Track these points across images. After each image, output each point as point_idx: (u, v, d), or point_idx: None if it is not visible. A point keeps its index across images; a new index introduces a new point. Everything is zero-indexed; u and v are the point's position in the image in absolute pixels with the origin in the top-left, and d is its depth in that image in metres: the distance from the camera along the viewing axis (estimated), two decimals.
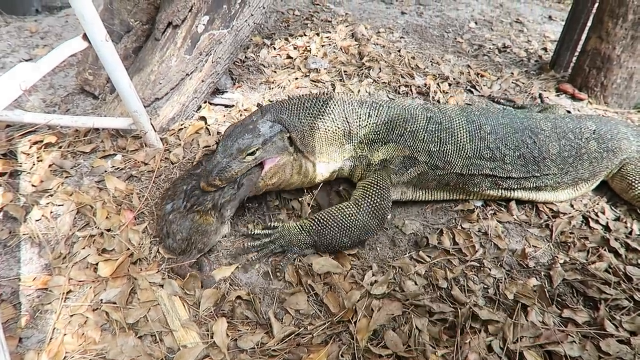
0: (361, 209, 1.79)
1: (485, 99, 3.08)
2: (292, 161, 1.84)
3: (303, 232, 1.77)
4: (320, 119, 1.86)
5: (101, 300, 1.57)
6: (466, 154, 1.94)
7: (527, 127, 2.03)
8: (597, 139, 2.13)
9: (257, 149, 1.73)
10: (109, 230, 1.79)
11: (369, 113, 1.93)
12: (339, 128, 1.89)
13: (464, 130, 1.95)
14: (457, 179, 1.99)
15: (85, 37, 1.74)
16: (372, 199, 1.81)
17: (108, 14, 2.37)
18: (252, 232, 1.82)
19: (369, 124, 1.92)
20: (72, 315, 1.52)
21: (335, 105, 1.90)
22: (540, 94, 3.22)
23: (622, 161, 2.20)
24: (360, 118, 1.92)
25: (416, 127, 1.93)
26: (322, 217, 1.78)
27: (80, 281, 1.62)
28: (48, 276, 1.63)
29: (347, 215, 1.77)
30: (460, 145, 1.94)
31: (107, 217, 1.84)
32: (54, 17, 3.86)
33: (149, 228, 1.84)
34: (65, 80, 2.76)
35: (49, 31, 3.49)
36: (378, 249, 1.90)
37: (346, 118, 1.90)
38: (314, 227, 1.76)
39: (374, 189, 1.83)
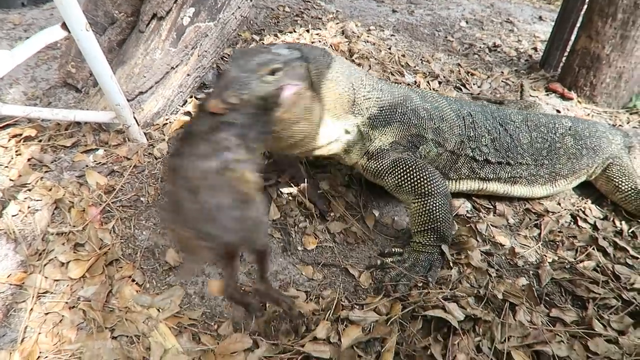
0: (429, 194, 1.71)
1: (467, 97, 3.06)
2: (309, 97, 1.55)
3: (424, 243, 1.74)
4: (334, 70, 1.65)
5: (78, 297, 1.51)
6: (455, 131, 1.93)
7: (496, 117, 2.04)
8: (573, 135, 2.13)
9: (279, 68, 1.44)
10: (84, 228, 1.73)
11: (373, 85, 1.80)
12: (346, 91, 1.70)
13: (449, 110, 1.95)
14: (447, 160, 1.95)
15: (64, 25, 1.68)
16: (423, 178, 1.71)
17: (92, 5, 2.31)
18: (383, 263, 1.75)
19: (373, 97, 1.78)
20: (47, 314, 1.47)
21: (343, 64, 1.73)
22: (521, 85, 3.20)
23: (605, 161, 2.20)
24: (365, 88, 1.77)
25: (415, 105, 1.87)
26: (426, 223, 1.72)
27: (55, 280, 1.56)
28: (23, 273, 1.58)
29: (430, 207, 1.71)
30: (450, 123, 1.92)
31: (82, 214, 1.78)
32: (38, 10, 3.77)
33: (117, 226, 1.77)
34: (48, 73, 2.69)
35: (33, 24, 3.41)
36: (367, 245, 1.87)
37: (352, 83, 1.72)
38: (428, 235, 1.73)
39: (414, 171, 1.73)
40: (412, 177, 1.72)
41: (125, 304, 1.50)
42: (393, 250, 1.80)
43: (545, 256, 1.90)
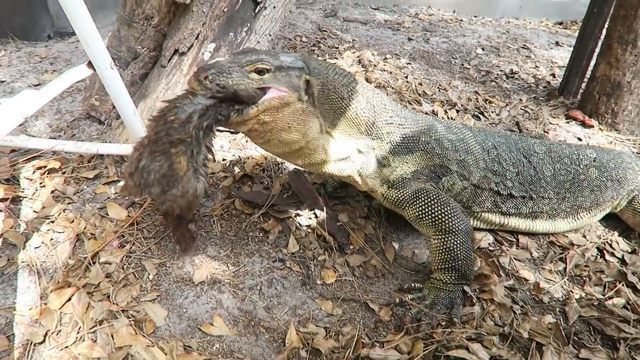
0: (450, 231, 1.67)
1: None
2: (299, 108, 1.53)
3: (444, 281, 1.70)
4: (350, 89, 1.63)
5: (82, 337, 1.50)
6: (480, 165, 1.89)
7: (520, 148, 2.00)
8: (598, 167, 2.07)
9: (268, 69, 1.45)
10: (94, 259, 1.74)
11: (396, 112, 1.76)
12: (364, 112, 1.66)
13: (474, 141, 1.91)
14: (471, 194, 1.90)
15: (90, 64, 1.73)
16: (445, 214, 1.67)
17: (116, 41, 2.38)
18: (402, 301, 1.71)
19: (395, 122, 1.74)
20: (64, 348, 1.46)
21: (366, 87, 1.71)
22: (517, 122, 3.14)
23: (630, 193, 2.14)
24: (387, 113, 1.72)
25: (439, 135, 1.83)
26: (447, 261, 1.68)
27: (69, 313, 1.56)
28: (43, 306, 1.58)
29: (452, 245, 1.66)
30: (475, 156, 1.88)
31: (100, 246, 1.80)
32: (63, 43, 3.91)
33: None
34: (72, 106, 2.76)
35: (58, 57, 3.53)
36: (387, 279, 1.84)
37: (373, 105, 1.69)
38: (449, 274, 1.69)
39: (437, 205, 1.68)
40: (433, 210, 1.68)
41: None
42: (413, 285, 1.76)
43: (572, 292, 1.84)
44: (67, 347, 1.46)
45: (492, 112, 3.20)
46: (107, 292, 1.63)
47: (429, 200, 1.70)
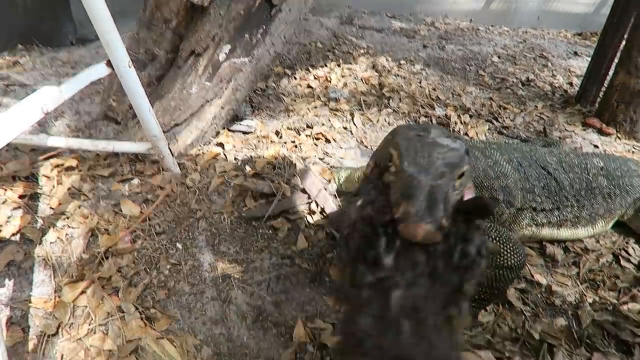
0: (510, 267, 1.55)
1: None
2: None
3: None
4: None
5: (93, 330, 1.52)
6: (518, 186, 1.83)
7: (537, 160, 1.97)
8: (605, 176, 2.06)
9: (465, 171, 1.09)
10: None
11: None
12: None
13: (505, 163, 1.85)
14: (514, 217, 1.82)
15: (109, 63, 1.78)
16: (507, 252, 1.55)
17: (134, 43, 2.44)
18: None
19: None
20: (76, 340, 1.49)
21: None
22: (544, 128, 3.13)
23: (637, 201, 2.11)
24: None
25: (482, 164, 1.74)
26: (487, 291, 1.59)
27: (84, 306, 1.59)
28: (57, 299, 1.62)
29: (504, 278, 1.57)
30: (513, 178, 1.83)
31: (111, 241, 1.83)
32: (85, 49, 4.02)
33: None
34: (91, 107, 2.83)
35: (80, 61, 3.63)
36: None
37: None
38: (478, 295, 1.61)
39: (499, 243, 1.57)
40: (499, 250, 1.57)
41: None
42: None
43: (585, 296, 1.81)
44: (79, 339, 1.49)
45: (506, 117, 3.18)
46: (118, 285, 1.66)
47: (490, 238, 1.57)
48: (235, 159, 2.35)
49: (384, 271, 0.93)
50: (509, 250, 1.56)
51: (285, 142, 2.54)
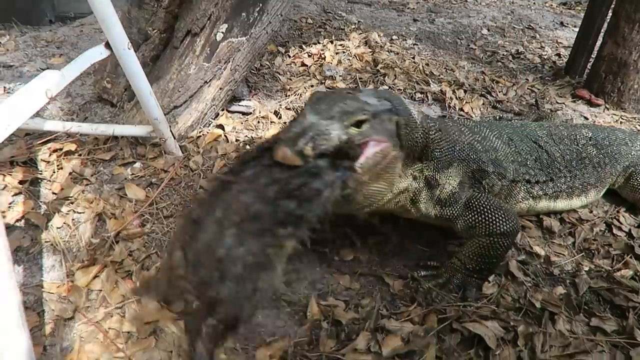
0: (503, 233, 1.59)
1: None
2: (393, 156, 1.41)
3: (469, 269, 1.66)
4: (412, 117, 1.51)
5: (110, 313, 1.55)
6: (509, 158, 1.88)
7: (527, 134, 2.02)
8: (594, 145, 2.13)
9: (366, 120, 1.28)
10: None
11: (432, 126, 1.63)
12: (420, 138, 1.55)
13: (495, 138, 1.89)
14: (508, 190, 1.86)
15: (107, 45, 1.75)
16: (499, 218, 1.59)
17: (126, 22, 2.38)
18: (416, 277, 1.71)
19: (437, 138, 1.63)
20: (94, 323, 1.51)
21: (414, 108, 1.60)
22: (536, 100, 3.18)
23: (627, 169, 2.18)
24: (431, 129, 1.61)
25: (467, 138, 1.77)
26: (485, 259, 1.63)
27: (98, 290, 1.61)
28: (70, 283, 1.63)
29: (499, 246, 1.61)
30: (504, 151, 1.87)
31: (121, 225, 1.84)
32: (68, 27, 3.90)
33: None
34: (82, 89, 2.77)
35: (65, 40, 3.53)
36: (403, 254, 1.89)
37: (424, 127, 1.57)
38: (479, 268, 1.65)
39: (489, 211, 1.60)
40: (486, 217, 1.61)
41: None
42: (428, 263, 1.79)
43: (581, 265, 1.89)
44: (97, 322, 1.51)
45: (499, 91, 3.22)
46: (130, 269, 1.68)
47: (481, 207, 1.63)
48: (236, 140, 2.36)
49: (240, 177, 1.12)
50: (500, 217, 1.60)
51: (285, 123, 2.54)
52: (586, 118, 3.06)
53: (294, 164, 1.12)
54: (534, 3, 6.07)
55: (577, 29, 3.59)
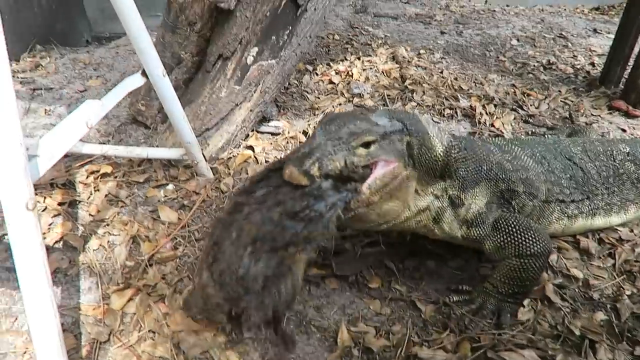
0: (534, 255, 1.55)
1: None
2: (405, 176, 1.42)
3: (503, 293, 1.63)
4: (430, 135, 1.50)
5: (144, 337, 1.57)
6: (541, 178, 1.83)
7: (560, 151, 1.96)
8: (632, 161, 2.06)
9: (374, 141, 1.31)
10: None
11: (456, 144, 1.60)
12: (440, 156, 1.52)
13: (526, 156, 1.84)
14: (539, 210, 1.82)
15: (144, 73, 1.81)
16: (529, 239, 1.55)
17: (160, 47, 2.46)
18: (448, 302, 1.70)
19: (460, 156, 1.60)
20: (128, 347, 1.54)
21: (434, 126, 1.57)
22: (570, 113, 3.09)
23: None
24: (454, 148, 1.58)
25: (496, 157, 1.73)
26: (518, 282, 1.60)
27: (133, 313, 1.65)
28: (106, 306, 1.67)
29: (531, 268, 1.57)
30: (535, 170, 1.82)
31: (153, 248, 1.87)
32: (104, 49, 4.04)
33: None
34: (118, 111, 2.86)
35: (101, 62, 3.66)
36: (434, 278, 1.86)
37: (445, 145, 1.54)
38: (513, 292, 1.62)
39: (519, 231, 1.57)
40: (516, 237, 1.57)
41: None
42: (460, 287, 1.76)
43: (623, 288, 1.82)
44: (131, 345, 1.54)
45: (531, 105, 3.15)
46: (163, 293, 1.71)
47: (509, 227, 1.60)
48: (265, 161, 2.38)
49: (251, 198, 1.20)
50: (529, 237, 1.56)
51: None
52: (624, 130, 2.96)
53: (300, 184, 1.18)
54: (565, 9, 5.95)
55: (611, 36, 3.48)
